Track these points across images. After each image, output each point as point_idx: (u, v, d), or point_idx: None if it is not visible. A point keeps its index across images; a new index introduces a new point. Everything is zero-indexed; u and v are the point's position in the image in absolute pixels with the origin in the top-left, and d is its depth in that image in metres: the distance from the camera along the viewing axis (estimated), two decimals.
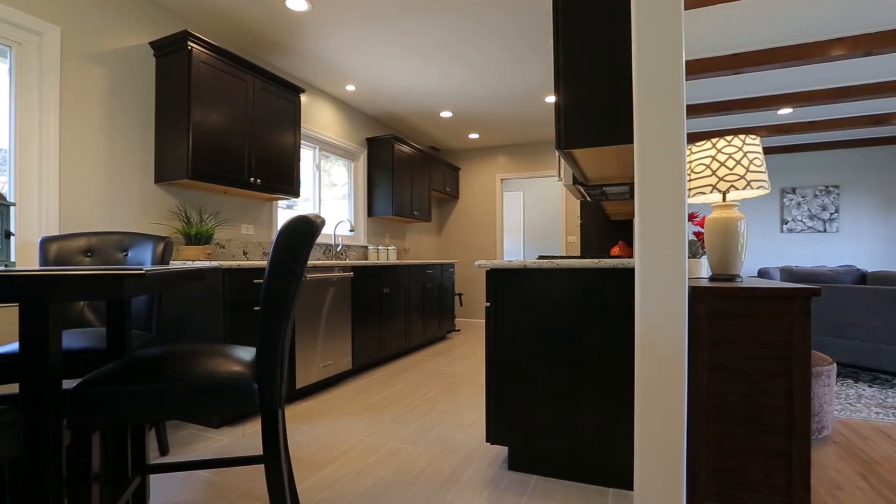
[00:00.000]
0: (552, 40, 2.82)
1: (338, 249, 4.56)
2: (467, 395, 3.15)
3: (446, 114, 5.13)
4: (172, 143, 2.79)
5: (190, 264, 2.55)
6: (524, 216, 8.37)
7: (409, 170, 5.35)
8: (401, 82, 4.23)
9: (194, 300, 2.58)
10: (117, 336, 1.46)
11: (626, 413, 1.85)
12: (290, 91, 3.51)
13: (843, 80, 4.07)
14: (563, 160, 2.56)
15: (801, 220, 6.37)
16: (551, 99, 4.73)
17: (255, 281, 2.71)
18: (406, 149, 5.27)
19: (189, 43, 2.74)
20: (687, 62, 3.63)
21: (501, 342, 2.05)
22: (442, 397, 3.10)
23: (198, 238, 2.94)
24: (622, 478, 1.87)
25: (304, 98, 4.20)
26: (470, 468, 2.06)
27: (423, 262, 4.85)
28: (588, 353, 1.91)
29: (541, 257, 2.35)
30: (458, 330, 6.07)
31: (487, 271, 2.07)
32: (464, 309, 6.77)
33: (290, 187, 3.51)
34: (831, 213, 6.24)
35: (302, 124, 4.18)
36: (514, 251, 8.36)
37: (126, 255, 2.18)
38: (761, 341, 1.60)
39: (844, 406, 2.86)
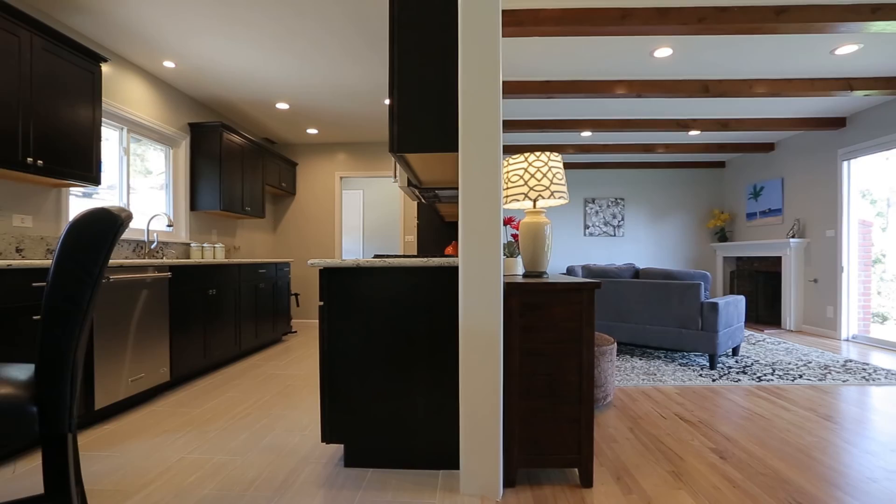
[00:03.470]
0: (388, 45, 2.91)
1: (152, 247, 4.00)
2: (303, 397, 3.06)
3: (283, 105, 4.87)
4: None
5: None
6: (364, 215, 8.39)
7: (241, 161, 4.94)
8: (230, 66, 3.89)
9: None
10: None
11: (454, 400, 2.02)
12: (87, 58, 2.96)
13: (625, 114, 5.04)
14: (398, 163, 2.66)
15: (598, 226, 7.65)
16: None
17: (34, 284, 2.23)
18: (237, 139, 4.86)
19: None
20: (508, 83, 4.08)
21: (335, 341, 2.06)
22: (276, 402, 2.95)
23: None
24: (451, 460, 2.04)
25: (106, 68, 3.58)
26: (305, 471, 2.02)
27: (256, 261, 4.54)
28: (418, 346, 2.03)
29: (376, 256, 2.41)
30: (295, 332, 5.83)
31: (321, 270, 2.05)
32: (301, 309, 6.52)
33: (87, 172, 2.96)
34: (619, 221, 7.63)
35: (105, 99, 3.56)
36: (354, 250, 8.33)
37: None
38: (560, 328, 1.90)
39: (623, 376, 3.54)
